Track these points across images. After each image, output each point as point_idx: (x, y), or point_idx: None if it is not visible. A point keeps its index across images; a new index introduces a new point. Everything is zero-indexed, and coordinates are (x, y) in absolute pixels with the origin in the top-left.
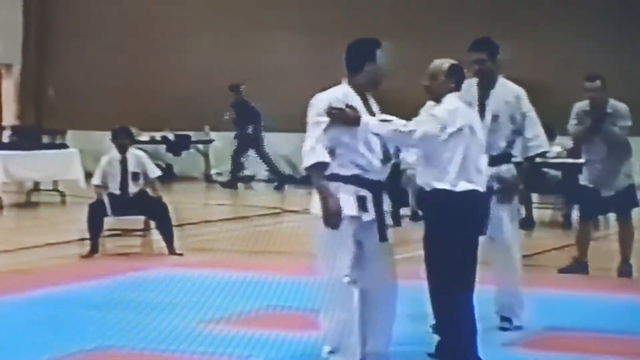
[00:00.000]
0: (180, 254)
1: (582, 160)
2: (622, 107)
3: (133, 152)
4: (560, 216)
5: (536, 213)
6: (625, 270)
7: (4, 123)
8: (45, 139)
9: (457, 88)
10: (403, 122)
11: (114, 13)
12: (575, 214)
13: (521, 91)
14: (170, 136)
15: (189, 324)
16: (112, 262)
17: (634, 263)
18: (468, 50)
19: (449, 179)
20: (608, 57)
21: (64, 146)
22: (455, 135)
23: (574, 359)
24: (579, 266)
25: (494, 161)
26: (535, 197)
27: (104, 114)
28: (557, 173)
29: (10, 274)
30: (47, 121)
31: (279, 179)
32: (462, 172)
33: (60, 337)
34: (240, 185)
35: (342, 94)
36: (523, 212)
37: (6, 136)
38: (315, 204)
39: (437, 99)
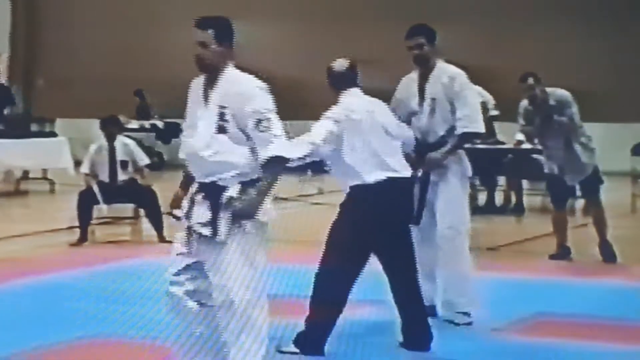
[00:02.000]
0: (170, 242)
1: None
2: (564, 94)
3: (121, 141)
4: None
5: (526, 199)
6: (606, 250)
7: None
8: (34, 127)
9: (349, 84)
10: (299, 141)
11: (102, 1)
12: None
13: (457, 72)
14: (160, 124)
15: None
16: (101, 250)
17: (623, 249)
18: (405, 37)
19: (360, 175)
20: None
21: (52, 134)
22: (351, 128)
23: (564, 345)
24: (563, 251)
25: (433, 147)
26: (525, 183)
27: (92, 102)
28: None
29: (0, 262)
30: (35, 109)
31: None
32: (371, 163)
33: (49, 326)
34: None
35: None
36: (514, 198)
37: None
38: None
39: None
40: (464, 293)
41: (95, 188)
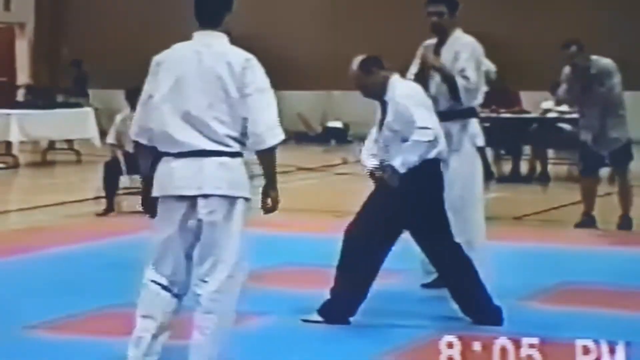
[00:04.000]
0: None
1: None
2: (607, 64)
3: None
4: (576, 171)
5: (552, 168)
6: (625, 224)
7: (18, 82)
8: (60, 98)
9: (389, 72)
10: (415, 137)
11: None
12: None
13: (467, 44)
14: None
15: None
16: (127, 220)
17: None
18: (427, 1)
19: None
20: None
21: (78, 105)
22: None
23: (590, 313)
24: (587, 220)
25: (441, 116)
26: (551, 152)
27: (118, 72)
28: (573, 128)
29: (27, 232)
30: (61, 80)
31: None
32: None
33: (76, 295)
34: None
35: None
36: (539, 167)
37: (21, 95)
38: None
39: (379, 92)
40: None
41: (121, 158)
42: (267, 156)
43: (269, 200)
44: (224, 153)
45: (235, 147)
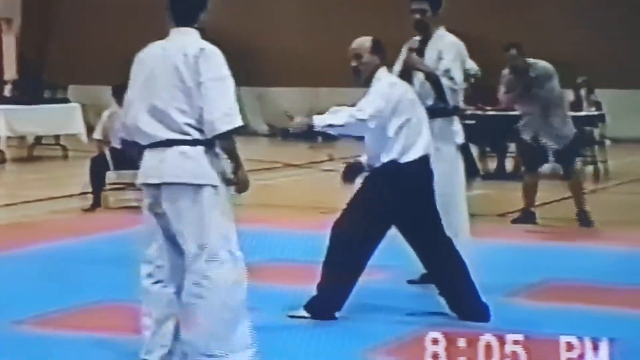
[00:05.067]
0: None
1: (583, 113)
2: (545, 67)
3: None
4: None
5: None
6: (583, 218)
7: (5, 77)
8: (47, 94)
9: (384, 63)
10: (350, 110)
11: None
12: (577, 166)
13: (450, 44)
14: None
15: None
16: (114, 215)
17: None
18: None
19: (396, 152)
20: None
21: (65, 100)
22: (400, 107)
23: (573, 310)
24: (526, 216)
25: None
26: None
27: (105, 68)
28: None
29: (13, 227)
30: (48, 75)
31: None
32: (409, 141)
33: (63, 291)
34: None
35: None
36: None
37: (8, 90)
38: None
39: (369, 78)
40: None
41: (108, 154)
42: (224, 142)
43: (238, 180)
44: (186, 142)
45: (196, 136)
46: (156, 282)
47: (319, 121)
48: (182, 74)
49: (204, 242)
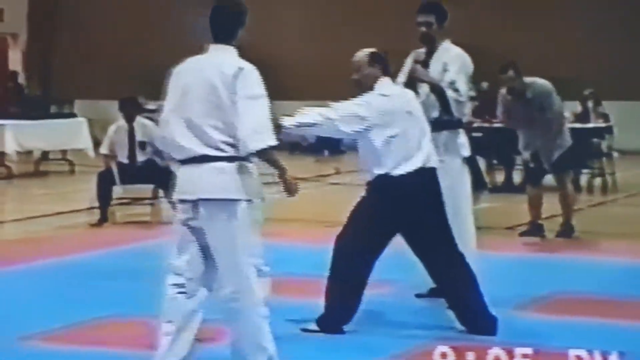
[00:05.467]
0: None
1: (590, 125)
2: (542, 86)
3: (140, 122)
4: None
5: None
6: (565, 230)
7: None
8: (53, 109)
9: (386, 73)
10: (320, 109)
11: None
12: (583, 179)
13: (455, 56)
14: None
15: None
16: (121, 230)
17: None
18: (417, 12)
19: (387, 165)
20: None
21: (72, 115)
22: (390, 119)
23: (583, 323)
24: (534, 228)
25: (434, 127)
26: None
27: (111, 83)
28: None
29: (20, 243)
30: (54, 90)
31: None
32: (401, 154)
33: (70, 306)
34: None
35: None
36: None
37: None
38: None
39: (370, 88)
40: None
41: (114, 169)
42: (263, 157)
43: (285, 184)
44: (221, 158)
45: (231, 152)
46: (182, 293)
47: (288, 121)
48: (218, 91)
49: (237, 256)
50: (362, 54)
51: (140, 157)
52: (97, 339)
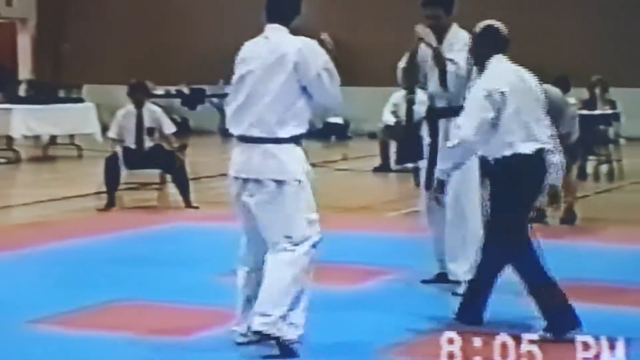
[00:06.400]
0: (197, 207)
1: (597, 112)
2: (554, 94)
3: (149, 108)
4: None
5: None
6: (567, 217)
7: (20, 77)
8: (62, 93)
9: (497, 50)
10: (453, 134)
11: None
12: (590, 165)
13: (462, 38)
14: (185, 90)
15: (205, 277)
16: (129, 215)
17: None
18: (422, 4)
19: (517, 143)
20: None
21: (80, 100)
22: (508, 101)
23: (590, 310)
24: (537, 215)
25: (441, 112)
26: None
27: (120, 67)
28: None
29: (29, 227)
30: (63, 75)
31: None
32: (526, 132)
33: (78, 290)
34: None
35: None
36: None
37: (23, 90)
38: None
39: (481, 66)
40: (454, 259)
41: (120, 154)
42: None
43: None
44: (273, 140)
45: (284, 134)
46: (243, 268)
47: (441, 170)
48: (278, 74)
49: (286, 232)
50: (476, 27)
51: (148, 143)
52: (105, 323)
